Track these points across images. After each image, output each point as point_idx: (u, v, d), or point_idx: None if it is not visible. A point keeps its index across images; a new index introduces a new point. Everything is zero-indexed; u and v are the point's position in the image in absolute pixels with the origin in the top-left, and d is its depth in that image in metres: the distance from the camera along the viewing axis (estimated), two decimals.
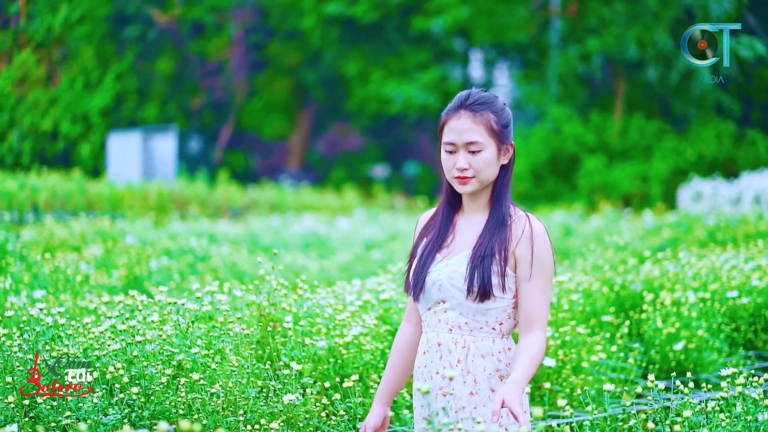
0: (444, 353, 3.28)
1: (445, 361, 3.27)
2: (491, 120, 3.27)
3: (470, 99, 3.29)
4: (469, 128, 3.25)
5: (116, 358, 4.26)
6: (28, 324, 4.54)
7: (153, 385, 4.07)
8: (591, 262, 7.82)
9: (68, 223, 13.57)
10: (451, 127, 3.28)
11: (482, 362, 3.24)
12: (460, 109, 3.28)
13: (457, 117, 3.27)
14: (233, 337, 4.37)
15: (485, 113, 3.27)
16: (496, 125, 3.28)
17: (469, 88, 3.38)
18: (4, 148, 30.17)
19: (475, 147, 3.25)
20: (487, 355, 3.24)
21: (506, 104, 3.39)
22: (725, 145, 21.79)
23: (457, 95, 3.33)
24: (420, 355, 3.36)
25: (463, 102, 3.29)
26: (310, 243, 11.53)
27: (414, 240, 3.50)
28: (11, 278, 7.39)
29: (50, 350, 4.43)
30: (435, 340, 3.31)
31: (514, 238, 3.25)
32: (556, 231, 12.14)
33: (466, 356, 3.25)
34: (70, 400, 3.96)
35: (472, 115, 3.26)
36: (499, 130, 3.29)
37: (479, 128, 3.25)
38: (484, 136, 3.26)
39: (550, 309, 3.33)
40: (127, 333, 4.31)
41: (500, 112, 3.31)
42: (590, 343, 5.16)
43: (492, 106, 3.29)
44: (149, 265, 9.20)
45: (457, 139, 3.26)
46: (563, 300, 5.37)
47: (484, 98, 3.30)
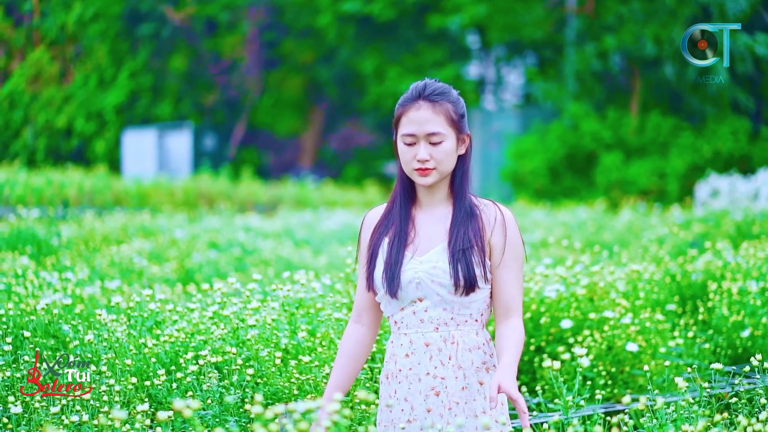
0: (434, 353, 3.22)
1: (436, 361, 3.22)
2: (450, 110, 3.22)
3: (428, 89, 3.22)
4: (429, 119, 3.19)
5: (224, 342, 4.44)
6: (134, 310, 4.72)
7: (265, 367, 4.25)
8: (630, 255, 8.00)
9: (102, 218, 13.73)
10: (411, 119, 3.20)
11: (470, 356, 3.21)
12: (419, 100, 3.21)
13: (416, 108, 3.20)
14: (333, 323, 4.56)
15: (444, 103, 3.21)
16: (454, 115, 3.23)
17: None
18: (18, 145, 30.34)
19: (437, 138, 3.19)
20: (474, 348, 3.22)
21: (460, 94, 3.35)
22: (741, 142, 21.96)
23: (412, 86, 3.27)
24: (401, 358, 3.27)
25: (421, 92, 3.22)
26: (353, 237, 11.69)
27: (365, 239, 3.39)
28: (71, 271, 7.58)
29: (155, 336, 4.61)
30: (421, 341, 3.24)
31: (488, 227, 3.22)
32: (590, 226, 12.32)
33: (456, 351, 3.20)
34: (187, 382, 4.14)
35: (432, 106, 3.20)
36: (458, 120, 3.24)
37: (439, 118, 3.20)
38: (445, 126, 3.20)
39: (522, 295, 3.29)
40: (236, 317, 4.49)
41: (456, 102, 3.26)
42: (661, 330, 5.35)
43: (449, 96, 3.24)
44: (199, 259, 9.39)
45: (418, 130, 3.20)
46: (639, 289, 5.57)
47: (441, 89, 3.24)
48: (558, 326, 5.09)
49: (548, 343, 5.13)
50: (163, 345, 4.41)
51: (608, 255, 9.77)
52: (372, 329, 3.40)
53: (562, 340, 5.12)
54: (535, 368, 5.09)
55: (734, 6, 20.81)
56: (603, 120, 22.60)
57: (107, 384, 3.96)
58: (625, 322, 5.01)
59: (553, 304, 5.15)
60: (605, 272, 5.51)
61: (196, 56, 31.56)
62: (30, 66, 31.16)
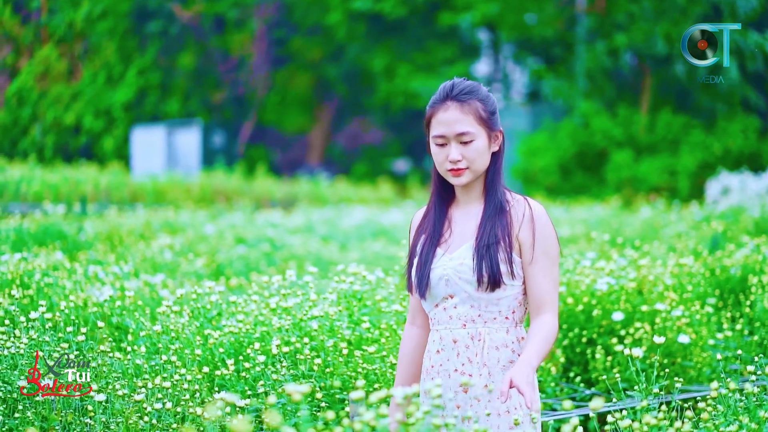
0: (461, 350, 3.22)
1: (464, 357, 3.22)
2: (479, 108, 3.20)
3: (455, 89, 3.20)
4: (458, 119, 3.17)
5: (288, 333, 4.52)
6: (196, 301, 4.81)
7: (332, 357, 4.33)
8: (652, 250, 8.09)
9: (123, 214, 13.80)
10: (440, 120, 3.20)
11: (496, 354, 3.19)
12: (447, 101, 3.20)
13: (444, 109, 3.20)
14: (393, 314, 4.65)
15: (472, 102, 3.19)
16: (483, 113, 3.21)
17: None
18: (26, 142, 30.41)
19: (467, 137, 3.18)
20: (501, 346, 3.20)
21: (490, 91, 3.31)
22: (750, 140, 22.06)
23: (441, 86, 3.26)
24: (433, 354, 3.28)
25: (448, 93, 3.21)
26: (376, 233, 11.79)
27: (410, 240, 3.42)
28: (98, 265, 7.65)
29: (217, 327, 4.70)
30: (449, 337, 3.24)
31: (516, 223, 3.20)
32: (613, 223, 12.42)
33: (482, 349, 3.19)
34: (257, 371, 4.22)
35: (460, 106, 3.18)
36: (487, 118, 3.22)
37: (468, 118, 3.18)
38: (474, 125, 3.18)
39: (558, 290, 3.23)
40: (298, 309, 4.57)
41: (486, 99, 3.23)
42: (708, 323, 5.44)
43: (477, 94, 3.22)
44: (229, 254, 9.47)
45: (447, 131, 3.19)
46: (687, 282, 5.66)
47: (469, 87, 3.22)
48: (609, 318, 5.17)
49: (599, 335, 5.21)
50: (228, 336, 4.50)
51: (634, 250, 9.87)
52: (427, 329, 3.40)
53: (613, 332, 5.20)
54: (588, 359, 5.18)
55: (745, 4, 20.89)
56: (614, 118, 22.69)
57: (179, 374, 4.03)
58: (676, 315, 5.10)
59: (603, 296, 5.24)
60: (657, 264, 5.60)
61: (205, 54, 31.64)
62: (38, 63, 31.22)
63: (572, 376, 5.13)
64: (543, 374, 4.84)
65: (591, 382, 5.17)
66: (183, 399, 3.76)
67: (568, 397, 4.96)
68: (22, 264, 6.09)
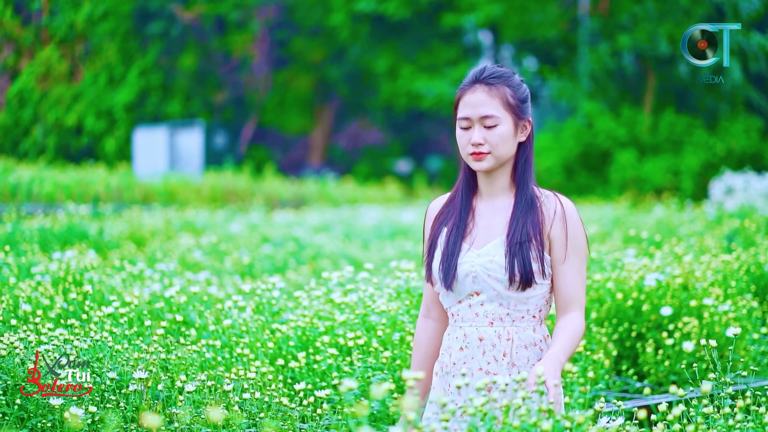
0: (487, 348, 3.14)
1: (489, 356, 3.14)
2: (507, 94, 3.13)
3: (485, 73, 3.16)
4: (483, 101, 3.11)
5: (350, 328, 4.64)
6: (256, 295, 4.93)
7: (400, 350, 4.45)
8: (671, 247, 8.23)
9: (140, 214, 13.89)
10: (466, 102, 3.14)
11: (526, 353, 3.13)
12: (475, 83, 3.15)
13: (471, 91, 3.14)
14: None
15: (501, 87, 3.13)
16: (512, 99, 3.14)
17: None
18: (28, 143, 30.45)
19: (491, 121, 3.12)
20: (530, 345, 3.13)
21: (524, 81, 3.26)
22: (753, 140, 22.27)
23: (472, 70, 3.22)
24: (456, 351, 3.19)
25: (478, 76, 3.17)
26: (395, 232, 11.91)
27: (427, 229, 3.32)
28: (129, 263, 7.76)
29: (271, 322, 4.82)
30: (475, 335, 3.16)
31: (548, 220, 3.12)
32: (630, 222, 12.57)
33: (510, 348, 3.12)
34: (329, 364, 4.34)
35: (488, 89, 3.13)
36: (516, 105, 3.15)
37: (494, 101, 3.12)
38: (500, 109, 3.12)
39: (585, 289, 3.15)
40: (360, 304, 4.69)
41: (517, 87, 3.17)
42: (747, 318, 5.58)
43: (508, 81, 3.16)
44: (255, 254, 9.58)
45: (472, 113, 3.13)
46: (730, 278, 5.81)
47: (500, 72, 3.17)
48: (657, 313, 5.32)
49: (648, 330, 5.36)
50: (296, 330, 4.62)
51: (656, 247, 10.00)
52: (442, 322, 3.33)
53: (661, 326, 5.34)
54: (637, 352, 5.32)
55: (748, 6, 21.09)
56: (617, 118, 22.87)
57: (255, 366, 4.15)
58: (723, 309, 5.24)
59: (651, 292, 5.38)
60: (701, 260, 5.74)
61: (206, 55, 31.71)
62: (39, 64, 31.25)
63: (624, 369, 5.27)
64: (596, 367, 4.98)
65: (641, 374, 5.31)
66: (268, 389, 3.87)
67: (620, 390, 5.11)
68: (73, 262, 6.21)
